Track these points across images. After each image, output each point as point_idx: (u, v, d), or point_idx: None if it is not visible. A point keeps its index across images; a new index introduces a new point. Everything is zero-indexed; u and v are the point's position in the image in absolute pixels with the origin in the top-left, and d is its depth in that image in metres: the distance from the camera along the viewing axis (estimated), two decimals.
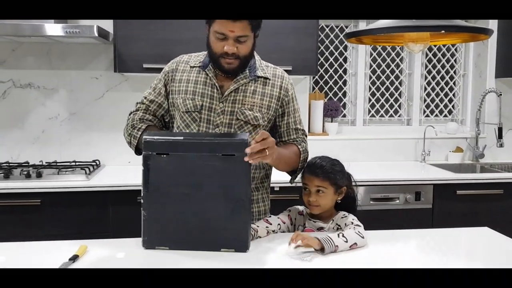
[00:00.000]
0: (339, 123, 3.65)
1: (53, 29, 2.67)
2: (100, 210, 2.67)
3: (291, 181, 1.97)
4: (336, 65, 3.67)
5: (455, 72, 3.83)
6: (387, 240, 1.80)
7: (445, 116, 3.85)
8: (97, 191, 2.66)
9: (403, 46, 1.76)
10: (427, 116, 3.82)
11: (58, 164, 3.09)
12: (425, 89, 3.79)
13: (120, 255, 1.59)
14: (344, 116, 3.72)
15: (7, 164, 3.06)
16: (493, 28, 3.48)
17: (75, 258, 1.53)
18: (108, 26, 2.90)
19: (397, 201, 2.94)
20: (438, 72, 3.80)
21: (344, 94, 3.72)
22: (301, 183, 1.87)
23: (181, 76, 1.89)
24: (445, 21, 1.51)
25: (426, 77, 3.79)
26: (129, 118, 1.94)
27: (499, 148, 3.56)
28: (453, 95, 3.85)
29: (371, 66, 3.71)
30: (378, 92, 3.74)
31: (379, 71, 3.72)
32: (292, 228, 1.90)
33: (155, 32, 2.86)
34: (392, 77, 3.75)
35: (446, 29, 1.51)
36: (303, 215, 1.89)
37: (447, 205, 2.98)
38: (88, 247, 1.62)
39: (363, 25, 3.54)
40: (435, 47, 3.75)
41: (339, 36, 3.63)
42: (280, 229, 1.84)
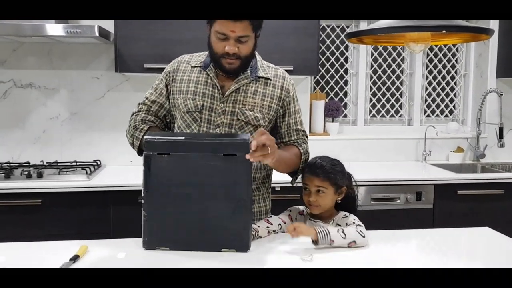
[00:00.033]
0: (340, 123, 3.65)
1: (54, 29, 2.67)
2: (100, 210, 2.67)
3: (292, 182, 1.97)
4: (337, 65, 3.66)
5: (456, 72, 3.83)
6: (388, 240, 1.80)
7: (446, 116, 3.85)
8: (98, 191, 2.66)
9: (404, 46, 1.76)
10: (428, 116, 3.82)
11: (59, 164, 3.09)
12: (426, 89, 3.79)
13: (121, 255, 1.59)
14: (345, 116, 3.72)
15: (8, 164, 3.06)
16: (494, 28, 3.47)
17: (75, 258, 1.53)
18: (109, 26, 2.90)
19: (398, 201, 2.94)
20: (439, 72, 3.80)
21: (345, 94, 3.72)
22: (301, 183, 1.87)
23: (182, 76, 1.89)
24: (446, 21, 1.51)
25: (427, 77, 3.78)
26: (131, 119, 1.94)
27: (500, 148, 3.56)
28: (454, 95, 3.85)
29: (372, 66, 3.71)
30: (379, 92, 3.74)
31: (380, 71, 3.72)
32: None
33: (155, 32, 2.86)
34: (393, 77, 3.74)
35: (447, 29, 1.51)
36: (303, 215, 1.89)
37: (448, 205, 2.98)
38: (88, 247, 1.62)
39: (364, 25, 3.53)
40: (436, 47, 3.74)
41: (340, 36, 3.63)
42: (280, 229, 1.84)
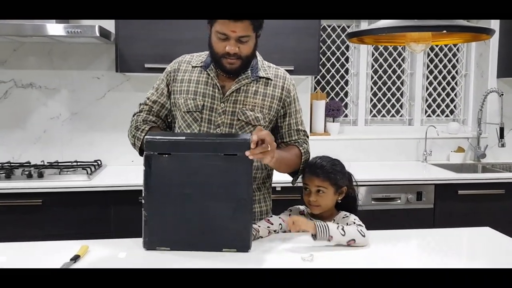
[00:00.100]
0: (341, 123, 3.65)
1: (55, 29, 2.67)
2: (101, 210, 2.67)
3: (293, 182, 1.97)
4: (338, 65, 3.66)
5: (456, 72, 3.82)
6: (388, 240, 1.80)
7: (447, 116, 3.84)
8: (99, 191, 2.66)
9: (405, 46, 1.76)
10: (429, 116, 3.82)
11: (59, 164, 3.09)
12: (427, 89, 3.79)
13: (121, 255, 1.59)
14: (345, 116, 3.72)
15: (9, 164, 3.06)
16: (495, 28, 3.47)
17: (76, 258, 1.53)
18: (109, 26, 2.90)
19: (399, 201, 2.94)
20: (439, 72, 3.79)
21: (345, 94, 3.72)
22: (302, 183, 1.87)
23: (183, 76, 1.89)
24: (447, 21, 1.51)
25: (427, 77, 3.78)
26: (132, 119, 1.94)
27: (500, 148, 3.56)
28: (455, 95, 3.85)
29: (372, 66, 3.71)
30: (380, 92, 3.74)
31: (380, 71, 3.72)
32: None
33: (156, 32, 2.86)
34: (393, 77, 3.74)
35: (447, 29, 1.51)
36: (304, 214, 1.89)
37: (448, 205, 2.98)
38: (89, 247, 1.62)
39: (364, 25, 3.53)
40: (436, 47, 3.74)
41: (341, 36, 3.62)
42: (281, 229, 1.84)
